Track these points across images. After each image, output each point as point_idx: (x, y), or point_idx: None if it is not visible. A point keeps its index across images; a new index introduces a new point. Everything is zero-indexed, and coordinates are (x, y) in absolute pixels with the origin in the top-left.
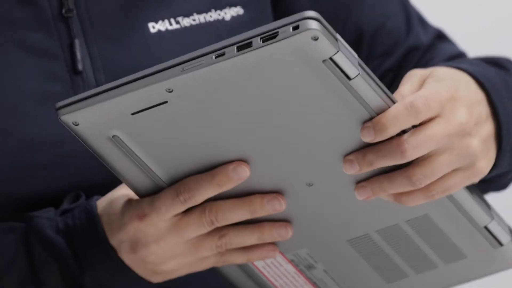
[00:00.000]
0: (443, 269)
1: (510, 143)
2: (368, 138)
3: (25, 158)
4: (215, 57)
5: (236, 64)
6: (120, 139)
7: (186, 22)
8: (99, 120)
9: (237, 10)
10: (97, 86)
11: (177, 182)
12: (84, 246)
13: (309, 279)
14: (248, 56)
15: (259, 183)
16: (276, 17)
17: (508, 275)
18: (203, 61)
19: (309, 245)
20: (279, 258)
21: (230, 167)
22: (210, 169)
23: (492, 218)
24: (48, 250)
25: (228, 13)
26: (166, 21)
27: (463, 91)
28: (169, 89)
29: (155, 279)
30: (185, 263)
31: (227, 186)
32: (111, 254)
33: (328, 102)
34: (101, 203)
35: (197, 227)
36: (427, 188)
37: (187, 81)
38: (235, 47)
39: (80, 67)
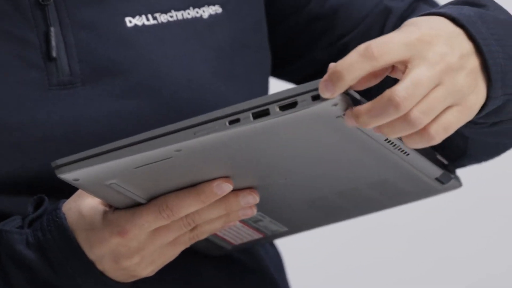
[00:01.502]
0: (383, 202)
1: (499, 72)
2: (327, 92)
3: None
4: (229, 123)
5: (250, 130)
6: (117, 184)
7: (163, 18)
8: (100, 174)
9: (215, 9)
10: (71, 74)
11: (159, 198)
12: (60, 259)
13: (253, 227)
14: (264, 124)
15: (235, 185)
16: (272, 13)
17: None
18: (216, 127)
19: (263, 208)
20: None
21: (215, 184)
22: (188, 186)
23: (442, 169)
24: (18, 265)
25: (206, 12)
26: (144, 16)
27: (437, 29)
28: (178, 150)
29: (132, 280)
30: (162, 263)
31: (211, 201)
32: (90, 265)
33: (329, 138)
34: (70, 214)
35: (176, 231)
36: (426, 130)
37: (198, 144)
38: (250, 113)
39: (54, 54)
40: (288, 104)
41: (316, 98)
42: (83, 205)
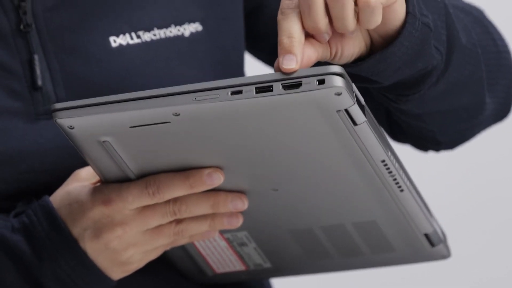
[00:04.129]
0: (369, 257)
1: None
2: (291, 59)
3: None
4: (231, 93)
5: (251, 105)
6: (110, 144)
7: (147, 36)
8: (96, 127)
9: (195, 26)
10: (57, 101)
11: (148, 176)
12: (43, 239)
13: (237, 252)
14: (265, 100)
15: (226, 183)
16: (252, 26)
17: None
18: (218, 95)
19: (250, 228)
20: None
21: (206, 171)
22: (181, 169)
23: (433, 226)
24: (2, 249)
25: (188, 29)
26: (127, 35)
27: None
28: (176, 113)
29: (115, 272)
30: (142, 252)
31: (199, 189)
32: (73, 244)
33: (325, 138)
34: (56, 197)
35: (160, 217)
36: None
37: (197, 110)
38: (253, 87)
39: (39, 82)
40: (292, 84)
41: (321, 82)
42: (71, 186)
